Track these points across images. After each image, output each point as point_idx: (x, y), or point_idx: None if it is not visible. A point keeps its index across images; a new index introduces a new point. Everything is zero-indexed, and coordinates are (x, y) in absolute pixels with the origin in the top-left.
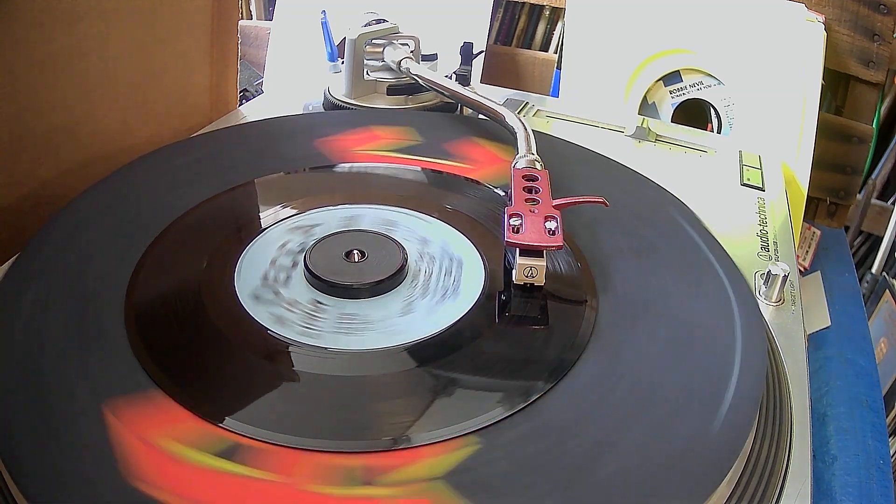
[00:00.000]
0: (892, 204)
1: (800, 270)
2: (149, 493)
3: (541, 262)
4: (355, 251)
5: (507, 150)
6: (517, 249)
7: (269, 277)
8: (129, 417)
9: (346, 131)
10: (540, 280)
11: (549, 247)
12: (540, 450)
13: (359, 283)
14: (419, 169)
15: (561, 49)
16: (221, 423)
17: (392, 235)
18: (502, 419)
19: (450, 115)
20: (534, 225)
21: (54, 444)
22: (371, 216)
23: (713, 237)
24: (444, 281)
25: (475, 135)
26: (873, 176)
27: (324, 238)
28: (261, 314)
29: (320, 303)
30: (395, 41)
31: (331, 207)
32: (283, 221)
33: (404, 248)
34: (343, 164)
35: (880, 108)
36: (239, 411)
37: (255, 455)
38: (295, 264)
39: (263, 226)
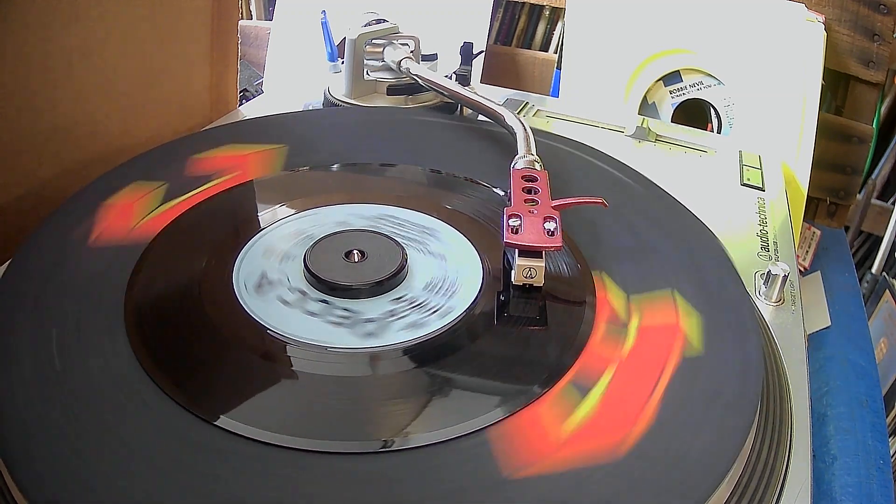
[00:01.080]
0: (892, 204)
1: (800, 270)
2: None
3: (540, 263)
4: (355, 251)
5: (238, 148)
6: (516, 250)
7: (270, 278)
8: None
9: (98, 219)
10: (539, 281)
11: (548, 248)
12: None
13: (359, 283)
14: (419, 169)
15: (561, 49)
16: (216, 420)
17: (392, 236)
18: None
19: (147, 155)
20: (533, 226)
21: (54, 444)
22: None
23: (712, 235)
24: (445, 280)
25: (192, 154)
26: (873, 176)
27: (323, 238)
28: (261, 314)
29: (323, 303)
30: (395, 41)
31: (330, 207)
32: (283, 221)
33: (404, 248)
34: (343, 164)
35: (880, 108)
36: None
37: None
38: (295, 265)
39: (262, 225)
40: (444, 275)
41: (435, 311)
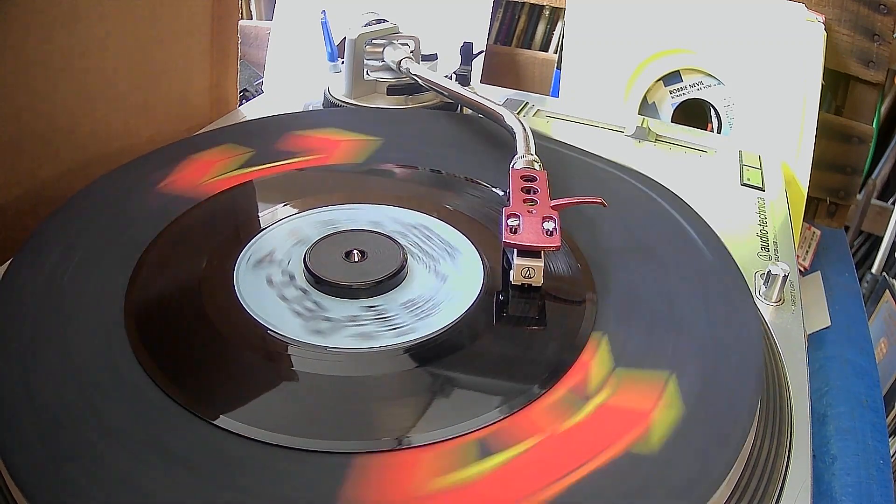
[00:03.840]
0: (892, 204)
1: (800, 270)
2: None
3: (538, 263)
4: (355, 251)
5: (334, 132)
6: (515, 250)
7: (275, 256)
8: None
9: (177, 169)
10: (538, 281)
11: (547, 247)
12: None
13: (359, 283)
14: (418, 169)
15: (561, 49)
16: (215, 419)
17: (410, 246)
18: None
19: (254, 122)
20: (532, 225)
21: (54, 444)
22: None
23: (713, 234)
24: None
25: (292, 129)
26: (873, 176)
27: (323, 238)
28: (262, 314)
29: (302, 291)
30: (395, 41)
31: (331, 207)
32: (283, 221)
33: (403, 248)
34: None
35: (880, 108)
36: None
37: (500, 439)
38: (295, 265)
39: (263, 225)
40: (432, 296)
41: (393, 329)
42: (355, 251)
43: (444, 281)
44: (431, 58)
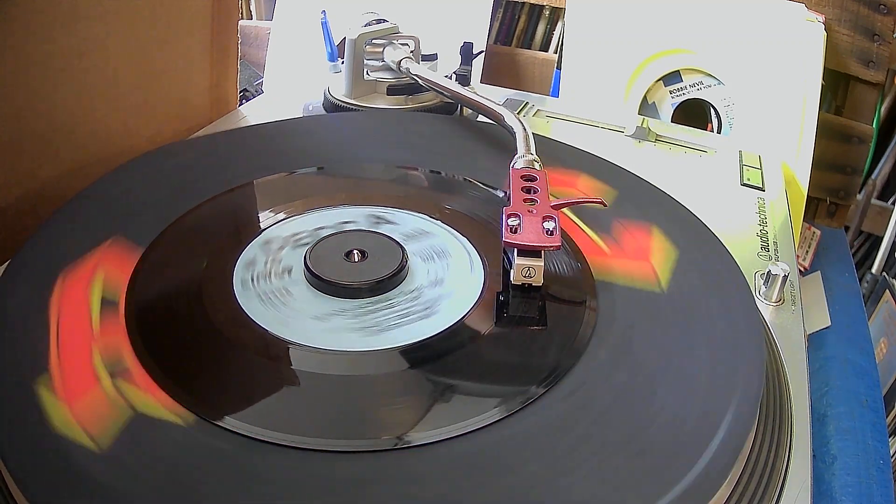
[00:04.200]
0: (892, 204)
1: (800, 270)
2: None
3: (539, 263)
4: (355, 251)
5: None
6: (515, 250)
7: (270, 278)
8: None
9: None
10: (538, 280)
11: (547, 247)
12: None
13: (360, 283)
14: (418, 169)
15: (561, 49)
16: (218, 420)
17: (391, 235)
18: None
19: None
20: (532, 225)
21: (54, 444)
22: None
23: (713, 234)
24: (445, 279)
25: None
26: (873, 176)
27: (323, 239)
28: (262, 315)
29: (323, 303)
30: (395, 41)
31: (331, 208)
32: (283, 222)
33: (403, 247)
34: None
35: (880, 108)
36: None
37: None
38: (295, 265)
39: (263, 226)
40: (445, 273)
41: (435, 311)
42: (354, 251)
43: (438, 291)
44: (431, 58)
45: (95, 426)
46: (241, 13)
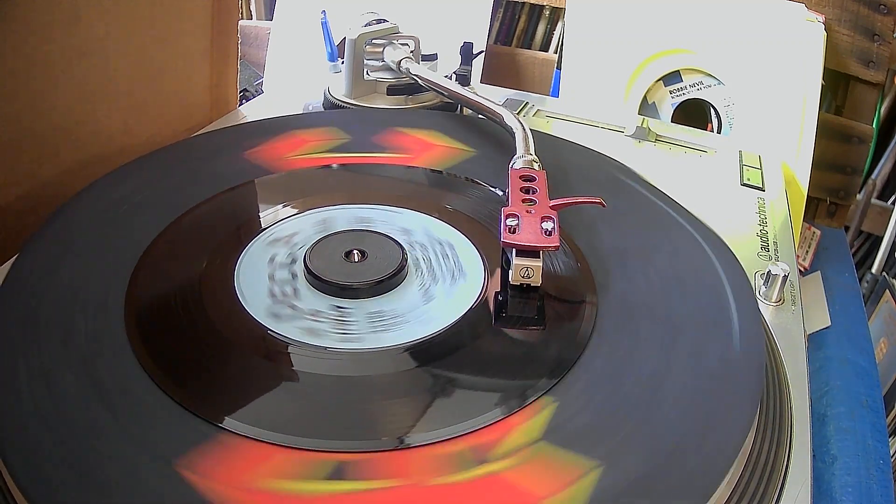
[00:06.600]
0: (892, 204)
1: (800, 270)
2: None
3: (537, 263)
4: (355, 251)
5: (434, 136)
6: (514, 250)
7: (270, 278)
8: (208, 469)
9: (271, 139)
10: (536, 280)
11: (546, 247)
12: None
13: (360, 283)
14: (418, 169)
15: (561, 49)
16: (221, 422)
17: (420, 262)
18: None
19: (365, 110)
20: (530, 225)
21: (55, 444)
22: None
23: (713, 234)
24: (446, 278)
25: (397, 125)
26: (873, 176)
27: (322, 239)
28: (262, 315)
29: (322, 303)
30: (395, 41)
31: (331, 208)
32: (283, 221)
33: (403, 247)
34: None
35: (880, 108)
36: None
37: (362, 468)
38: (295, 266)
39: (263, 225)
40: (402, 312)
41: (343, 333)
42: (354, 251)
43: (430, 301)
44: (431, 58)
45: None
46: (241, 13)
